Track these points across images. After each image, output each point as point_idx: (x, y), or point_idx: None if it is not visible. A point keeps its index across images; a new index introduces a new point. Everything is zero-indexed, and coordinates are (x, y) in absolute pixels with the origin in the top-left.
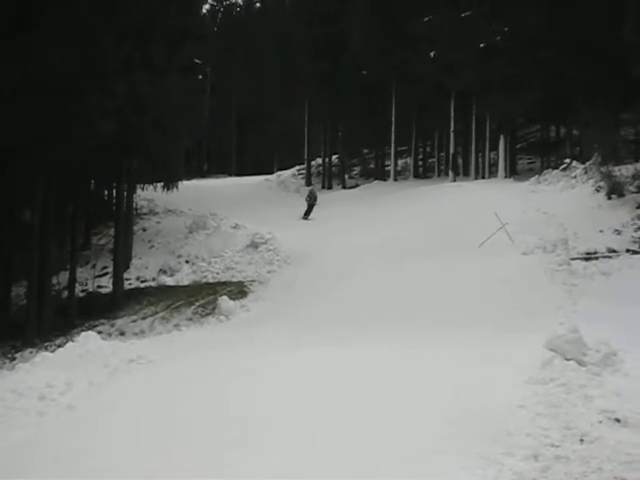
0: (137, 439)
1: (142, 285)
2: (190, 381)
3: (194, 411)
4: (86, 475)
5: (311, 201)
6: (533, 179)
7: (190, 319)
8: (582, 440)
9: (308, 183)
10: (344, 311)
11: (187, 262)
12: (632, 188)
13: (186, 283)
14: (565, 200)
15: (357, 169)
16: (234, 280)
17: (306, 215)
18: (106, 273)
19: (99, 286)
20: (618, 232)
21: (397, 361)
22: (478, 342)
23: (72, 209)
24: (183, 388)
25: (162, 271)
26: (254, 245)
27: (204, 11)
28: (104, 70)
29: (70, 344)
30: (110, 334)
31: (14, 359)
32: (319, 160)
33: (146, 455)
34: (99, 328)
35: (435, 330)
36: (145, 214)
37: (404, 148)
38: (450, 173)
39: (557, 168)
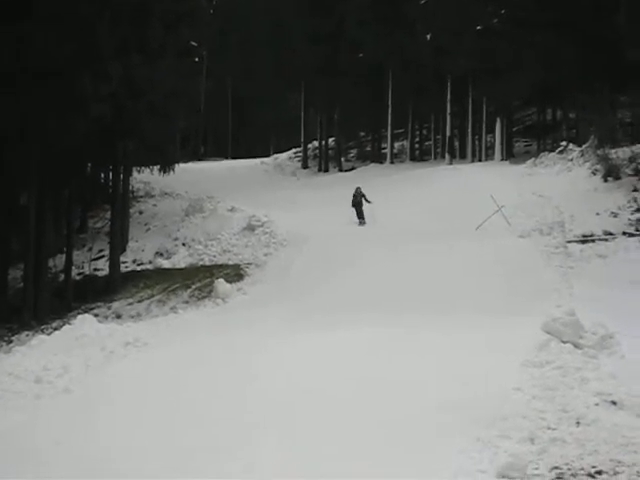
0: (134, 422)
1: (138, 268)
2: (186, 364)
3: (189, 394)
4: (81, 459)
5: (357, 199)
6: (529, 162)
7: (186, 302)
8: (578, 423)
9: (304, 166)
10: (341, 295)
11: (183, 245)
12: (628, 171)
13: (182, 266)
14: (561, 183)
15: (353, 152)
16: (230, 263)
17: (360, 219)
18: (102, 256)
19: (95, 269)
20: (614, 215)
21: (394, 346)
22: (475, 326)
23: (68, 192)
24: (179, 371)
25: (158, 254)
26: (251, 228)
27: None
28: (99, 54)
29: (66, 327)
30: (107, 317)
31: (11, 342)
32: (315, 143)
33: (142, 438)
34: (95, 311)
35: (431, 314)
36: (141, 197)
37: (400, 131)
38: (447, 156)
39: (553, 151)
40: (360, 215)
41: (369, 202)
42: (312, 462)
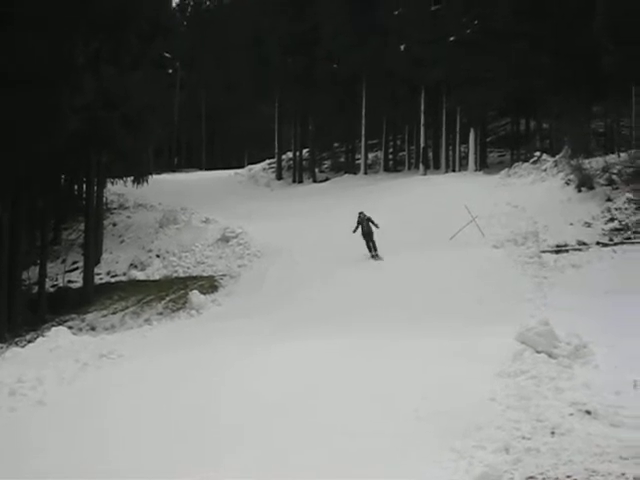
0: (107, 434)
1: (113, 280)
2: (160, 377)
3: (164, 406)
4: (55, 469)
5: (365, 228)
6: (503, 172)
7: (161, 313)
8: (553, 432)
9: (279, 177)
10: (315, 306)
11: (158, 256)
12: (602, 181)
13: (157, 277)
14: (535, 193)
15: (327, 163)
16: (205, 274)
17: (372, 251)
18: (76, 268)
19: (69, 281)
20: (588, 225)
21: (367, 356)
22: (449, 335)
23: (42, 204)
24: (153, 383)
25: (133, 265)
26: (225, 239)
27: (174, 5)
28: (74, 65)
29: (40, 339)
30: (81, 329)
31: None
32: (289, 154)
33: (116, 450)
34: (69, 323)
35: (404, 325)
36: (115, 209)
37: (375, 142)
38: (421, 166)
39: (527, 161)
40: (373, 247)
41: (377, 227)
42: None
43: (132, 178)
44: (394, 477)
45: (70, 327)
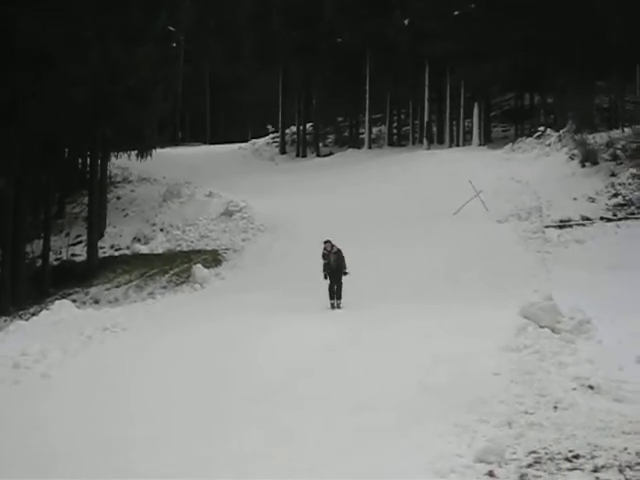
0: (111, 406)
1: (116, 253)
2: (163, 349)
3: (167, 378)
4: (58, 443)
5: (331, 264)
6: (507, 147)
7: (164, 287)
8: (556, 407)
9: (282, 151)
10: (319, 279)
11: (161, 230)
12: (606, 156)
13: (160, 251)
14: (539, 168)
15: (331, 137)
16: (208, 248)
17: (334, 297)
18: (80, 241)
19: (73, 254)
20: (592, 200)
21: (373, 331)
22: (453, 311)
23: (46, 178)
24: (156, 356)
25: (136, 239)
26: (228, 213)
27: None
28: (80, 39)
29: (44, 312)
30: (84, 302)
31: None
32: (293, 128)
33: (119, 421)
34: (73, 296)
35: (410, 299)
36: (119, 182)
37: (378, 116)
38: (424, 141)
39: (531, 136)
40: (337, 292)
41: (346, 273)
42: (290, 451)
43: (136, 152)
44: (397, 452)
45: (74, 300)
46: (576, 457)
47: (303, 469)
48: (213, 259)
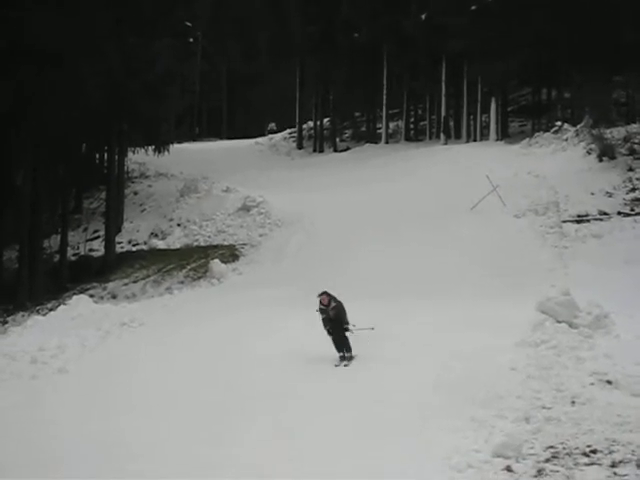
0: (128, 401)
1: (134, 248)
2: (180, 344)
3: (185, 374)
4: (72, 438)
5: (330, 318)
6: (524, 142)
7: (182, 282)
8: (573, 402)
9: (299, 146)
10: (335, 276)
11: (179, 225)
12: (623, 150)
13: (178, 246)
14: (556, 163)
15: (348, 132)
16: (226, 243)
17: (342, 350)
18: (98, 237)
19: (91, 250)
20: (609, 194)
21: (389, 326)
22: (470, 306)
23: (63, 173)
24: (173, 351)
25: (154, 234)
26: (245, 208)
27: None
28: (95, 34)
29: (62, 307)
30: (102, 297)
31: (6, 322)
32: (310, 123)
33: (135, 417)
34: (91, 292)
35: (427, 294)
36: (136, 177)
37: (396, 111)
38: (442, 136)
39: (548, 131)
40: (343, 345)
41: (347, 329)
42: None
43: (153, 147)
44: (413, 446)
45: (91, 295)
46: (594, 452)
47: (319, 463)
48: (230, 254)
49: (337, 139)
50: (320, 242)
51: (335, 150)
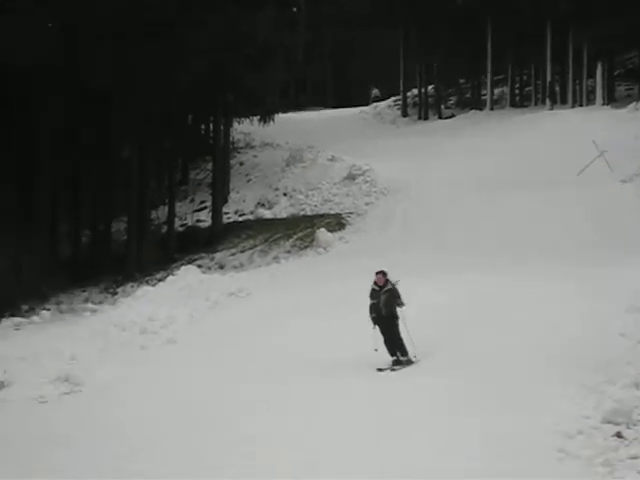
0: (239, 372)
1: (240, 219)
2: (289, 313)
3: (295, 343)
4: (185, 407)
5: (380, 309)
6: (631, 106)
7: (288, 252)
8: None
9: (404, 114)
10: (442, 242)
11: (285, 195)
12: None
13: (284, 216)
14: None
15: (453, 99)
16: (332, 212)
17: (396, 354)
18: (204, 207)
19: (198, 220)
20: None
21: (499, 294)
22: (579, 272)
23: (169, 145)
24: (282, 320)
25: (260, 204)
26: (351, 177)
27: None
28: (198, 6)
29: (170, 278)
30: (210, 268)
31: (116, 294)
32: (415, 91)
33: (251, 388)
34: (199, 262)
35: (536, 260)
36: (242, 148)
37: (500, 77)
38: (547, 101)
39: None
40: (395, 344)
41: (402, 305)
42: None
43: (258, 117)
44: (524, 413)
45: (199, 266)
46: None
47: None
48: (336, 223)
49: (442, 106)
50: (426, 210)
51: (440, 117)
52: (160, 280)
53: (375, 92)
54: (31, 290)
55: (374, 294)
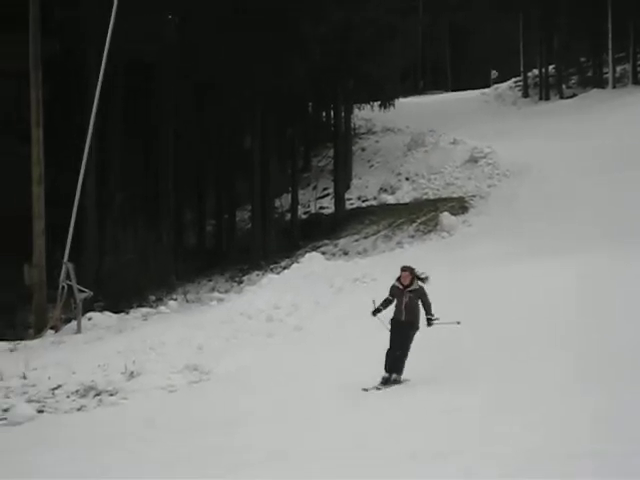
0: (367, 357)
1: (363, 204)
2: None
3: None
4: (312, 394)
5: (403, 315)
6: None
7: (412, 236)
8: None
9: (525, 95)
10: (566, 225)
11: (407, 180)
12: None
13: (407, 201)
14: None
15: (574, 78)
16: (454, 196)
17: (389, 371)
18: (327, 194)
19: (321, 207)
20: None
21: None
22: None
23: (291, 133)
24: None
25: (382, 189)
26: (473, 160)
27: None
28: None
29: (295, 265)
30: (334, 254)
31: (242, 282)
32: (535, 71)
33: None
34: (322, 249)
35: None
36: (363, 134)
37: (622, 54)
38: None
39: None
40: (397, 360)
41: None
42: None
43: (378, 103)
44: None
45: (323, 253)
46: None
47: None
48: (459, 206)
49: (563, 86)
50: (549, 192)
51: (561, 97)
52: (285, 268)
53: (494, 72)
54: (159, 280)
55: (395, 292)
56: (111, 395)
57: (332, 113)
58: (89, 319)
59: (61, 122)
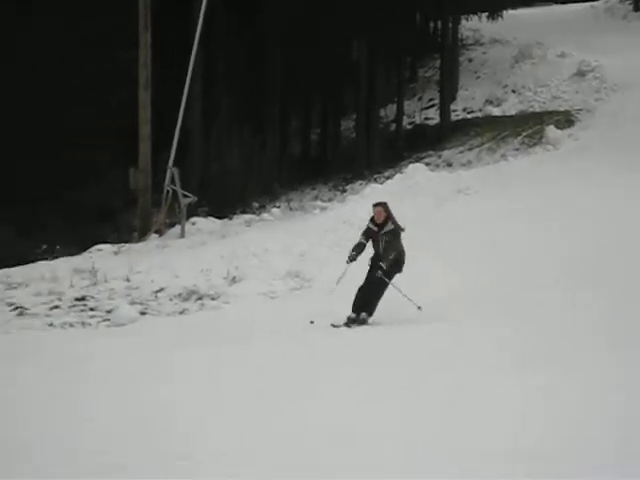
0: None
1: (468, 116)
2: (510, 211)
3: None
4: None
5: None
6: None
7: (517, 149)
8: None
9: (636, 8)
10: None
11: (513, 92)
12: None
13: (512, 113)
14: None
15: None
16: (560, 109)
17: (358, 309)
18: (432, 105)
19: (426, 118)
20: None
21: None
22: None
23: (398, 43)
24: (505, 215)
25: (488, 101)
26: (581, 73)
27: None
28: None
29: (398, 176)
30: (437, 165)
31: (345, 191)
32: None
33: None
34: (426, 160)
35: None
36: (470, 45)
37: None
38: None
39: None
40: (367, 300)
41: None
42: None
43: (486, 13)
44: None
45: (427, 164)
46: None
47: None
48: (565, 120)
49: None
50: None
51: None
52: (388, 178)
53: None
54: (263, 188)
55: (369, 234)
56: (213, 299)
57: (439, 24)
58: (193, 224)
59: (167, 27)
